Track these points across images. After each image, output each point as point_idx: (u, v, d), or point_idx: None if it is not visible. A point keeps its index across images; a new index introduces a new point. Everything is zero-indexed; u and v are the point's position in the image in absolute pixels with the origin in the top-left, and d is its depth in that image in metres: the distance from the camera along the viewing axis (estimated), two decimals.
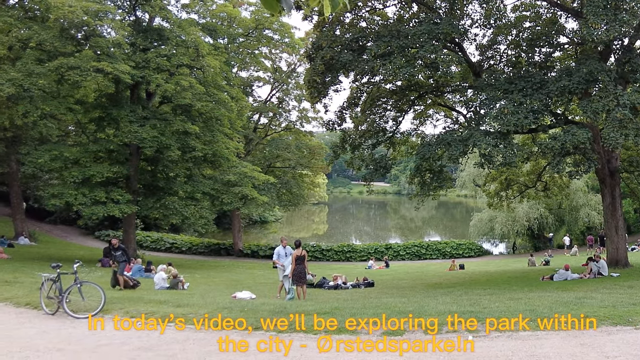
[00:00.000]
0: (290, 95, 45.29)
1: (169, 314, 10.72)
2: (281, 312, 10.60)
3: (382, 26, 20.79)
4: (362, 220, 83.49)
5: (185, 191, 31.32)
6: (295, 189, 45.64)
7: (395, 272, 30.79)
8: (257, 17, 38.98)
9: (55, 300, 11.50)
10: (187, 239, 43.62)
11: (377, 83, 23.09)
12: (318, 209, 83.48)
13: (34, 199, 42.47)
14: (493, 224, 44.81)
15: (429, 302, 11.86)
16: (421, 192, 22.32)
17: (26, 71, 23.76)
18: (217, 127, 31.52)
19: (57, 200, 26.90)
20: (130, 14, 29.88)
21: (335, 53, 19.49)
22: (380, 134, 23.71)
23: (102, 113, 28.85)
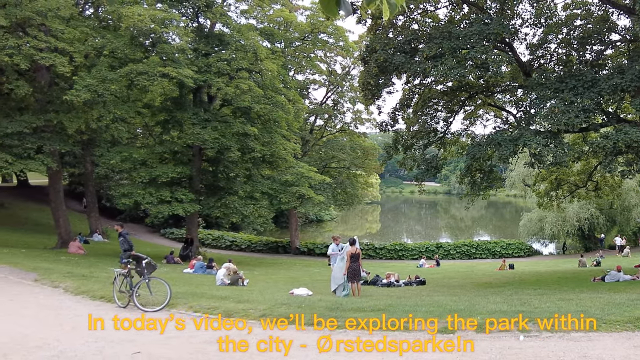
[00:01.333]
0: (344, 97, 45.00)
1: (231, 310, 10.76)
2: (337, 309, 10.49)
3: (434, 28, 20.46)
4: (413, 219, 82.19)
5: (245, 191, 31.47)
6: (349, 189, 45.48)
7: (446, 270, 30.15)
8: (313, 22, 38.80)
9: (127, 294, 11.79)
10: (246, 237, 43.88)
11: (428, 84, 22.70)
12: (371, 208, 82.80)
13: (106, 198, 43.70)
14: (543, 224, 43.49)
15: (480, 301, 11.61)
16: (471, 192, 21.81)
17: (100, 77, 24.25)
18: (275, 129, 31.61)
19: (126, 199, 27.49)
20: (193, 20, 30.26)
21: (388, 56, 19.22)
22: (431, 134, 23.33)
23: (167, 116, 29.34)
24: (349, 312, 10.18)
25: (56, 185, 27.60)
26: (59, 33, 23.38)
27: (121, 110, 26.55)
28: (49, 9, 23.19)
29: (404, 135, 23.64)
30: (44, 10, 23.13)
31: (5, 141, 23.21)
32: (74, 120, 24.61)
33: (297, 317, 9.90)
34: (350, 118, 46.14)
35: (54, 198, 27.60)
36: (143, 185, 27.34)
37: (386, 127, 23.82)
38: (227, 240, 42.59)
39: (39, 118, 24.12)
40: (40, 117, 24.19)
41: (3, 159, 22.75)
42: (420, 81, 22.03)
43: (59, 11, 23.44)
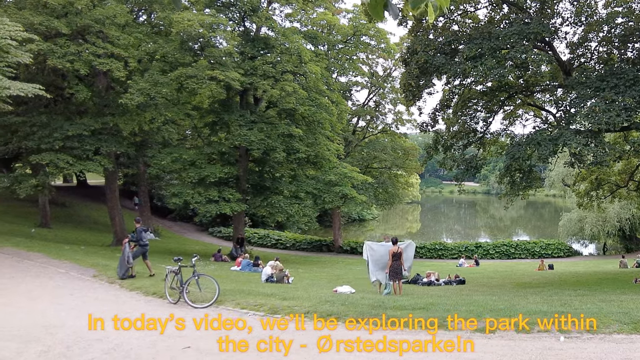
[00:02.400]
0: (386, 98, 44.47)
1: (276, 306, 10.79)
2: (379, 307, 10.36)
3: (474, 29, 20.09)
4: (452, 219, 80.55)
5: (290, 190, 31.38)
6: (390, 189, 44.95)
7: (485, 270, 29.34)
8: (355, 24, 38.42)
9: (177, 290, 11.89)
10: (291, 235, 43.82)
11: (468, 85, 22.19)
12: (411, 208, 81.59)
13: (157, 197, 44.43)
14: (583, 224, 42.12)
15: (520, 301, 11.32)
16: (510, 192, 21.22)
17: (152, 81, 24.57)
18: (319, 130, 31.45)
19: (177, 198, 27.75)
20: (239, 25, 30.33)
21: (429, 57, 19.14)
22: (471, 134, 22.90)
23: (215, 118, 29.45)
24: (391, 310, 10.03)
25: (112, 185, 28.07)
26: (115, 39, 23.76)
27: (172, 112, 26.82)
28: (107, 16, 23.62)
29: (444, 135, 23.39)
30: (102, 18, 23.56)
31: (67, 143, 23.75)
32: (128, 122, 24.98)
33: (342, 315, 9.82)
34: (391, 119, 45.68)
35: (110, 197, 28.09)
36: (192, 185, 27.56)
37: (426, 128, 23.63)
38: (272, 238, 42.65)
39: (97, 121, 24.56)
40: (98, 120, 24.63)
41: (65, 160, 23.26)
42: (460, 82, 21.56)
43: (116, 18, 23.84)
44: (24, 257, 18.89)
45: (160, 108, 26.03)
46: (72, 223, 36.77)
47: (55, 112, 25.37)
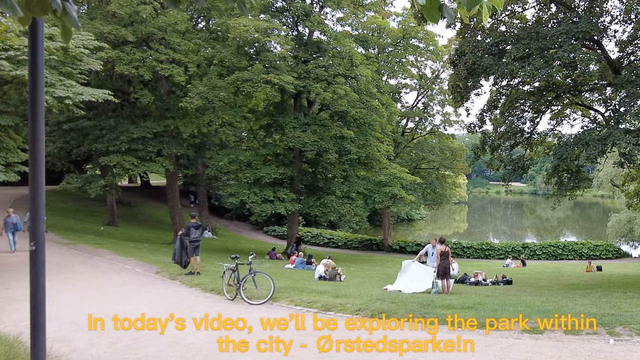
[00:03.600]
0: (434, 100, 43.16)
1: (329, 304, 10.63)
2: (428, 305, 10.16)
3: (521, 29, 19.36)
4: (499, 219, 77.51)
5: (342, 191, 30.79)
6: (438, 189, 43.64)
7: (532, 271, 27.81)
8: (404, 27, 37.38)
9: (234, 287, 11.79)
10: (342, 234, 43.05)
11: (515, 85, 21.65)
12: (459, 208, 79.18)
13: (215, 197, 44.55)
14: (632, 225, 39.64)
15: (567, 303, 10.93)
16: (558, 192, 20.77)
17: (211, 85, 24.51)
18: (369, 132, 30.81)
19: (233, 198, 27.63)
20: (293, 29, 29.88)
21: (476, 58, 18.62)
22: (518, 135, 22.03)
23: (270, 120, 29.22)
24: (440, 308, 9.81)
25: (173, 185, 28.17)
26: (176, 45, 23.82)
27: (228, 115, 26.62)
28: (169, 24, 23.67)
29: (491, 136, 22.77)
30: (164, 25, 23.64)
31: (132, 145, 23.99)
32: (188, 125, 25.00)
33: (392, 313, 9.64)
34: (439, 120, 44.24)
35: (170, 197, 28.20)
36: (248, 186, 27.32)
37: (474, 129, 23.13)
38: (325, 237, 41.99)
39: (159, 124, 24.67)
40: (160, 123, 24.73)
41: (130, 161, 23.44)
42: (507, 82, 21.20)
43: (177, 25, 23.85)
44: (94, 253, 19.17)
45: (218, 111, 25.90)
46: (136, 221, 37.36)
47: (121, 116, 25.68)
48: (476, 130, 23.23)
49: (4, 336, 7.38)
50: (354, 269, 25.08)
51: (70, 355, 7.04)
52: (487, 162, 23.85)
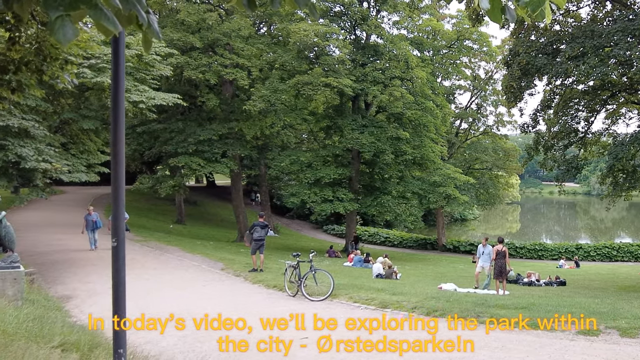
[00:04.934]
0: (487, 100, 40.97)
1: (386, 301, 10.37)
2: (482, 304, 9.75)
3: (576, 27, 18.26)
4: (552, 219, 73.04)
5: (398, 191, 29.60)
6: (491, 189, 41.37)
7: (586, 272, 25.71)
8: (458, 29, 35.44)
9: (295, 284, 11.51)
10: (398, 233, 41.47)
11: (569, 85, 20.23)
12: (511, 208, 75.38)
13: (276, 197, 43.95)
14: None
15: (623, 305, 10.30)
16: (613, 193, 19.94)
17: (272, 88, 24.06)
18: (424, 133, 29.52)
19: (294, 198, 27.18)
20: (350, 33, 28.89)
21: (530, 58, 17.79)
22: (572, 134, 21.10)
23: (330, 122, 28.59)
24: (493, 308, 9.42)
25: (237, 185, 27.76)
26: (240, 50, 23.38)
27: (290, 117, 26.11)
28: (233, 30, 23.27)
29: (544, 136, 21.76)
30: (229, 31, 23.27)
31: (199, 147, 23.81)
32: (251, 127, 24.56)
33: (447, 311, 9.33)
34: (492, 121, 41.94)
35: (234, 197, 27.79)
36: (308, 186, 26.76)
37: (527, 129, 21.94)
38: (381, 236, 40.42)
39: (224, 126, 24.35)
40: (225, 126, 24.40)
41: (197, 162, 23.13)
42: (561, 82, 20.02)
43: (240, 31, 23.37)
44: (164, 250, 18.92)
45: (280, 113, 25.36)
46: (203, 220, 37.14)
47: (189, 119, 25.43)
48: (529, 130, 21.94)
49: (86, 326, 7.53)
50: (409, 268, 24.25)
51: (145, 346, 7.07)
52: (540, 162, 22.76)
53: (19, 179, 16.25)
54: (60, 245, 17.89)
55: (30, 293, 9.83)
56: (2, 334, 5.57)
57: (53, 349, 5.27)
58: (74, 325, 7.36)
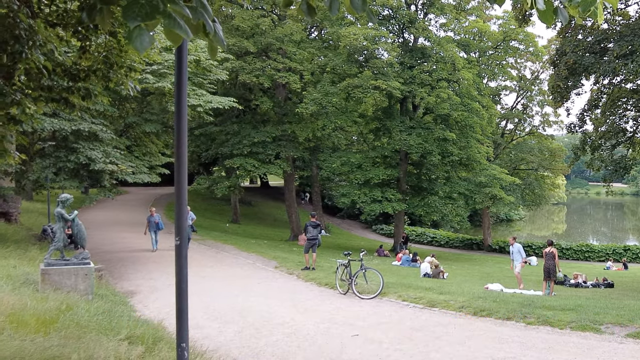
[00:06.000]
0: (533, 101, 38.79)
1: (434, 300, 10.08)
2: (529, 305, 9.29)
3: (624, 26, 17.13)
4: (599, 220, 68.37)
5: (444, 191, 28.46)
6: (537, 190, 39.09)
7: (635, 274, 23.85)
8: (505, 30, 33.55)
9: (346, 282, 11.26)
10: (444, 233, 39.92)
11: (618, 83, 19.15)
12: (557, 209, 71.39)
13: (328, 197, 43.25)
14: None
15: None
16: None
17: (324, 92, 23.61)
18: (470, 134, 28.16)
19: (345, 198, 26.46)
20: (398, 36, 27.93)
21: (577, 57, 16.98)
22: (620, 134, 19.91)
23: (378, 124, 27.71)
24: (540, 309, 8.94)
25: (290, 186, 27.31)
26: (292, 55, 22.96)
27: (340, 120, 25.34)
28: (285, 34, 22.87)
29: (591, 136, 20.52)
30: (282, 36, 22.91)
31: (253, 149, 23.54)
32: (303, 129, 24.12)
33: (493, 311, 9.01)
34: (538, 121, 39.76)
35: (287, 197, 27.37)
36: (358, 186, 26.05)
37: (574, 129, 20.91)
38: (428, 236, 38.98)
39: (277, 129, 23.96)
40: (278, 128, 24.02)
41: (252, 164, 22.83)
42: (609, 81, 19.10)
43: (292, 36, 22.94)
44: (220, 248, 18.66)
45: (331, 116, 24.69)
46: (257, 220, 36.82)
47: (244, 121, 25.20)
48: (576, 130, 20.88)
49: (150, 321, 7.57)
50: (455, 267, 23.22)
51: (203, 341, 7.01)
52: (587, 162, 21.56)
53: (88, 180, 16.32)
54: (125, 243, 17.93)
55: (99, 288, 9.95)
56: (77, 326, 5.79)
57: (121, 342, 5.31)
58: (139, 320, 7.43)
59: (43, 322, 5.75)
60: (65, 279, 8.97)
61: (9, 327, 5.25)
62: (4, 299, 6.39)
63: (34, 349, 4.61)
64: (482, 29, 32.08)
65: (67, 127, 14.48)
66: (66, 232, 9.86)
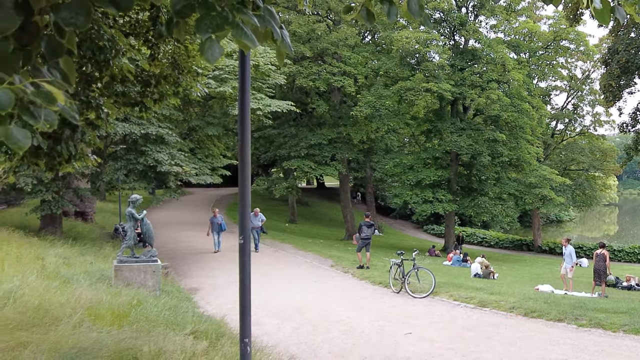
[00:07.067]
0: (584, 100, 36.36)
1: (485, 300, 9.70)
2: (581, 307, 8.89)
3: None
4: None
5: (494, 192, 27.17)
6: (588, 190, 36.47)
7: None
8: (555, 30, 31.72)
9: (399, 281, 11.03)
10: (494, 234, 37.99)
11: None
12: (608, 210, 66.81)
13: (381, 198, 42.46)
14: None
15: None
16: None
17: (377, 95, 23.06)
18: (520, 134, 26.68)
19: (397, 199, 25.80)
20: (449, 39, 26.87)
21: (630, 56, 16.16)
22: None
23: (430, 126, 26.82)
24: (592, 311, 8.54)
25: (345, 187, 26.86)
26: (347, 59, 22.63)
27: (393, 122, 24.71)
28: (340, 39, 22.50)
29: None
30: (336, 41, 22.58)
31: (310, 151, 23.22)
32: (358, 132, 23.72)
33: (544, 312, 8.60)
34: (589, 121, 37.15)
35: (342, 198, 26.95)
36: (410, 187, 25.15)
37: (626, 128, 19.92)
38: (478, 237, 37.13)
39: (333, 131, 23.66)
40: (334, 131, 23.67)
41: (308, 165, 22.58)
42: None
43: (347, 40, 22.55)
44: (278, 247, 18.47)
45: (384, 118, 24.04)
46: (313, 220, 36.41)
47: (301, 124, 25.05)
48: (629, 129, 19.97)
49: (212, 317, 7.48)
50: (505, 268, 22.07)
51: (262, 337, 6.89)
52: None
53: (155, 181, 16.40)
54: (188, 242, 17.97)
55: (165, 284, 9.97)
56: (146, 320, 5.88)
57: (186, 336, 5.31)
58: (202, 315, 7.41)
59: (117, 315, 5.91)
60: (135, 275, 9.11)
61: (87, 319, 5.38)
62: (83, 294, 6.57)
63: (109, 340, 4.71)
64: (533, 29, 30.45)
65: (137, 131, 14.67)
66: (136, 231, 9.97)
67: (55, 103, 1.48)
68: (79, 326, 5.07)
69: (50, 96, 1.46)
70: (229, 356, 5.00)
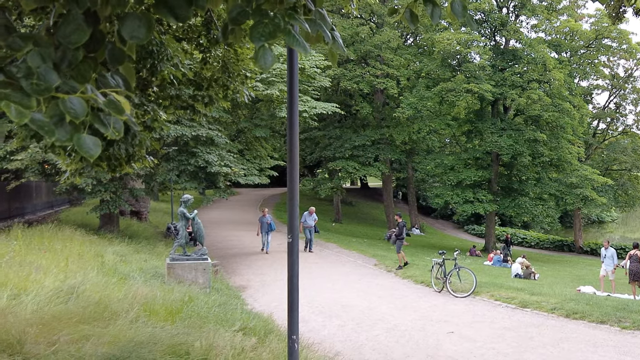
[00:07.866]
0: (627, 99, 33.86)
1: (526, 300, 9.23)
2: (623, 309, 8.26)
3: None
4: None
5: (535, 192, 25.75)
6: (631, 191, 33.84)
7: None
8: (597, 28, 29.59)
9: (441, 280, 10.65)
10: (535, 234, 36.05)
11: None
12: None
13: (422, 198, 41.31)
14: None
15: None
16: None
17: (419, 96, 22.19)
18: (561, 134, 25.12)
19: (438, 199, 24.68)
20: (490, 39, 25.54)
21: None
22: None
23: (470, 127, 25.55)
24: (635, 313, 7.90)
25: (387, 187, 26.08)
26: (389, 61, 21.88)
27: (434, 123, 23.72)
28: (383, 41, 21.68)
29: None
30: (379, 43, 21.83)
31: (354, 152, 22.62)
32: (400, 133, 22.89)
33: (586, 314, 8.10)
34: (632, 120, 34.45)
35: (385, 198, 26.19)
36: (451, 187, 24.06)
37: None
38: (518, 237, 35.07)
39: (376, 132, 22.98)
40: (377, 132, 23.00)
41: (352, 166, 21.99)
42: None
43: (389, 43, 21.79)
44: (324, 246, 17.81)
45: (425, 119, 23.17)
46: (357, 219, 35.35)
47: (345, 126, 24.39)
48: None
49: (260, 314, 7.38)
50: (546, 269, 20.82)
51: (308, 334, 6.68)
52: None
53: (205, 182, 16.22)
54: (236, 241, 17.66)
55: (215, 282, 9.83)
56: (198, 317, 5.81)
57: (235, 333, 5.25)
58: (251, 312, 7.30)
59: (170, 311, 5.89)
60: (186, 272, 9.05)
61: (143, 315, 5.39)
62: (139, 290, 6.54)
63: (163, 335, 4.70)
64: (574, 28, 28.55)
65: (188, 133, 14.42)
66: (187, 230, 9.80)
67: (124, 113, 1.45)
68: (136, 321, 5.08)
69: (119, 106, 1.45)
70: (277, 352, 4.87)
